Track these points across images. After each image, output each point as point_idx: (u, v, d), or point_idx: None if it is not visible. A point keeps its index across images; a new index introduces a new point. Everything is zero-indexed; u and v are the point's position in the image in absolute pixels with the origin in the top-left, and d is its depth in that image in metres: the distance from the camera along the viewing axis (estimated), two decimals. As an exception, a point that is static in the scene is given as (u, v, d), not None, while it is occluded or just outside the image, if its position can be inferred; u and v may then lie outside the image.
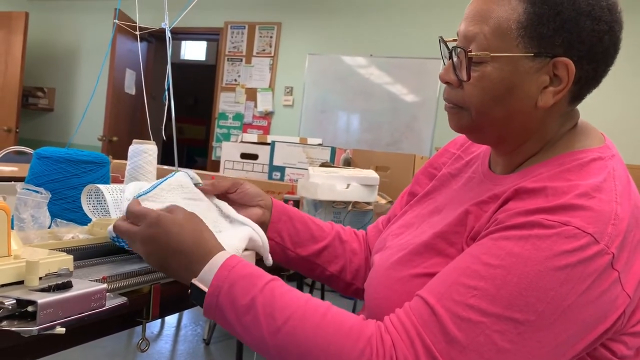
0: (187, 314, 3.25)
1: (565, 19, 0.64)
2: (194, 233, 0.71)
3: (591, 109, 1.03)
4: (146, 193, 0.82)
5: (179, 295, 0.72)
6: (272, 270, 0.83)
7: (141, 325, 0.78)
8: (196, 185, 0.87)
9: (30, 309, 0.53)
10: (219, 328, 2.93)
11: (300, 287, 2.50)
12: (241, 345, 2.26)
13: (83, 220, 1.00)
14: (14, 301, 0.53)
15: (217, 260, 0.68)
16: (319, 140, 2.74)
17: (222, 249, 0.71)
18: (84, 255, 0.79)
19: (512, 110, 0.69)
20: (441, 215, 0.77)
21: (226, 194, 0.89)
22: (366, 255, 0.96)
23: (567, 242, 0.58)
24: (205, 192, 0.87)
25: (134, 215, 0.74)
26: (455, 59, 0.71)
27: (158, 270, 0.74)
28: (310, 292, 3.05)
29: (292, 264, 0.93)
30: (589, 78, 0.68)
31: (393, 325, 0.62)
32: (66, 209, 1.04)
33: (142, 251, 0.73)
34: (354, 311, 0.66)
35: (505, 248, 0.60)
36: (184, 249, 0.69)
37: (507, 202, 0.66)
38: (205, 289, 0.66)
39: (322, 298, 2.96)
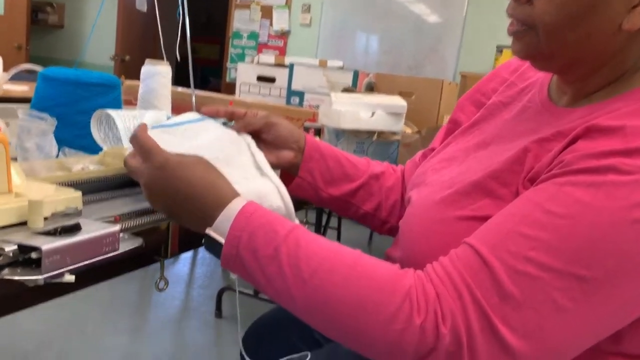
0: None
1: None
2: (205, 178, 0.63)
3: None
4: (167, 127, 0.74)
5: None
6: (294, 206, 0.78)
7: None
8: (224, 124, 0.79)
9: (34, 255, 0.47)
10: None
11: (317, 228, 2.46)
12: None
13: (94, 148, 0.93)
14: (15, 247, 0.47)
15: (234, 207, 0.60)
16: (340, 63, 2.61)
17: (237, 194, 0.63)
18: (95, 188, 0.73)
19: (590, 32, 0.58)
20: (489, 149, 0.69)
21: (258, 135, 0.81)
22: (403, 192, 0.89)
23: None
24: (237, 130, 0.78)
25: (140, 148, 0.66)
26: None
27: (166, 217, 0.67)
28: (324, 233, 3.03)
29: (324, 204, 0.87)
30: None
31: (437, 275, 0.55)
32: (77, 135, 0.97)
33: (147, 194, 0.65)
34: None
35: (573, 195, 0.52)
36: (195, 193, 0.62)
37: (575, 141, 0.57)
38: (222, 240, 0.60)
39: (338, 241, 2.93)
